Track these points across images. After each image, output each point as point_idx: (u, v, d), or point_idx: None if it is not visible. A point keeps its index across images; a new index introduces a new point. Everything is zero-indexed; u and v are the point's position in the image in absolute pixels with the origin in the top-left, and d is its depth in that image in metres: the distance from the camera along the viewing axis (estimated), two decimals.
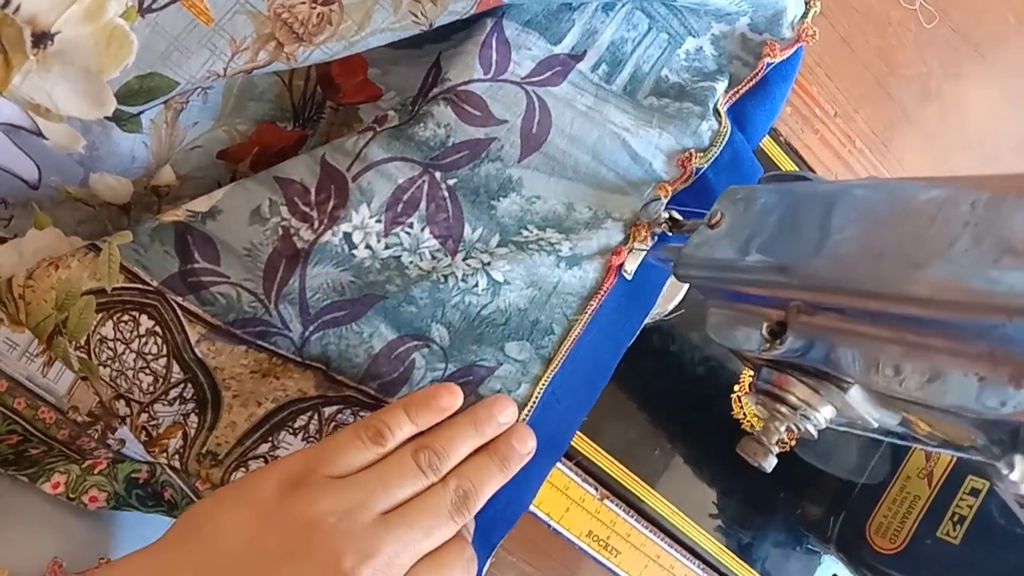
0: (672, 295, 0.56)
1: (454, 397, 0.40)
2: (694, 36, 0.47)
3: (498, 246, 0.45)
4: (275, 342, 0.41)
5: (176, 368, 0.41)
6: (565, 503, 0.53)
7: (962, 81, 0.75)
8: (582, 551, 0.54)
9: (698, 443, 0.58)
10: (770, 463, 0.36)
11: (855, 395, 0.33)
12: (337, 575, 0.33)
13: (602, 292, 0.45)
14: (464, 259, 0.44)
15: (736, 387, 0.58)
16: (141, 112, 0.38)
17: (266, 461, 0.41)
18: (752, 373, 0.40)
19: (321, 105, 0.44)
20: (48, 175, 0.40)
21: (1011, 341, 0.25)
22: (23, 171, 0.39)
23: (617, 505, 0.55)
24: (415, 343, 0.42)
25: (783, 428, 0.36)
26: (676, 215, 0.46)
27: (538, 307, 0.44)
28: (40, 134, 0.37)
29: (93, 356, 0.41)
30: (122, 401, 0.42)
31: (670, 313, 0.56)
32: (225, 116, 0.42)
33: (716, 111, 0.47)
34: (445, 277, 0.43)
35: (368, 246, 0.43)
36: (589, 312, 0.45)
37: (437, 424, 0.39)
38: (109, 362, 0.41)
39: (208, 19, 0.35)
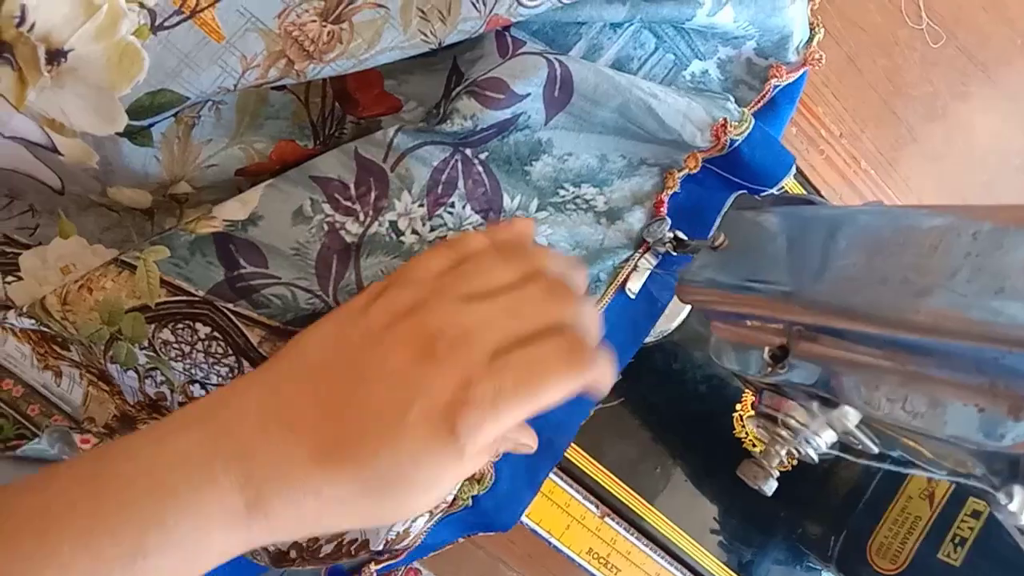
0: (675, 313, 0.56)
1: (529, 226, 0.40)
2: (700, 59, 0.48)
3: (537, 210, 0.46)
4: None
5: (247, 364, 0.42)
6: (566, 520, 0.53)
7: (969, 101, 0.75)
8: (582, 568, 0.54)
9: (699, 461, 0.58)
10: (770, 487, 0.36)
11: (855, 421, 0.33)
12: (425, 351, 0.33)
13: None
14: None
15: (738, 406, 0.58)
16: (151, 124, 0.38)
17: None
18: (754, 394, 0.40)
19: (341, 120, 0.44)
20: (70, 185, 0.40)
21: (1011, 373, 0.25)
22: (47, 179, 0.40)
23: (618, 523, 0.55)
24: None
25: (784, 451, 0.36)
26: (680, 235, 0.47)
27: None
28: (55, 150, 0.37)
29: (160, 353, 0.41)
30: (197, 385, 0.42)
31: (673, 331, 0.56)
32: (240, 134, 0.42)
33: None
34: None
35: (414, 231, 0.43)
36: (632, 263, 0.47)
37: None
38: (180, 358, 0.41)
39: (219, 37, 0.35)
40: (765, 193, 0.48)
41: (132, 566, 0.29)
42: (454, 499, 0.46)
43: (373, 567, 0.46)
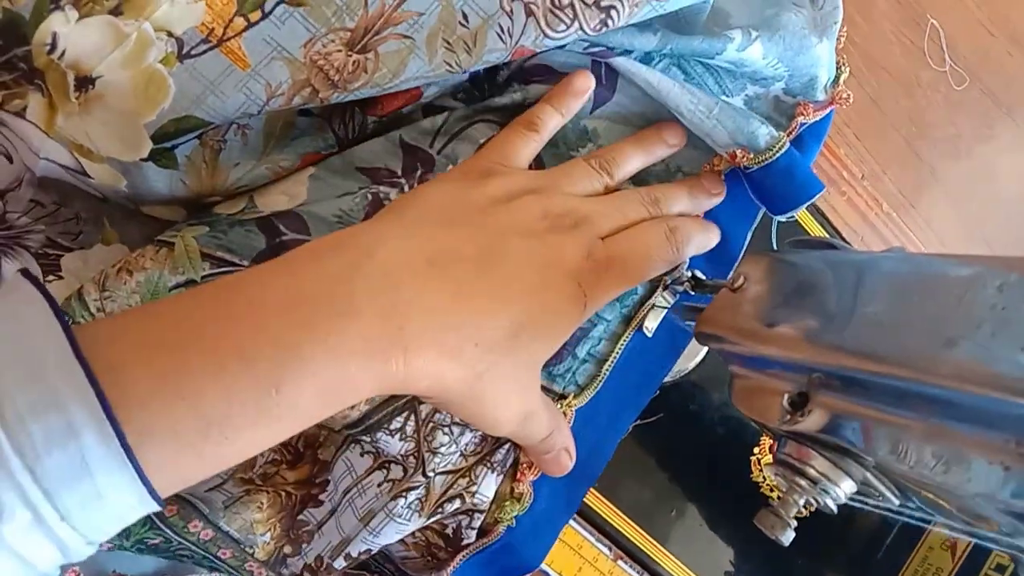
0: (693, 353, 0.55)
1: (586, 79, 0.44)
2: (727, 96, 0.47)
3: None
4: None
5: None
6: (578, 562, 0.52)
7: (993, 144, 0.75)
8: None
9: (715, 505, 0.57)
10: (788, 537, 0.35)
11: (876, 473, 0.32)
12: (554, 224, 0.39)
13: None
14: None
15: (756, 450, 0.57)
16: (174, 147, 0.38)
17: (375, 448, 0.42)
18: (772, 440, 0.39)
19: (363, 123, 0.44)
20: (111, 195, 0.40)
21: None
22: (91, 189, 0.40)
23: (631, 566, 0.54)
24: None
25: (802, 501, 0.36)
26: (699, 275, 0.46)
27: None
28: (85, 173, 0.37)
29: None
30: None
31: (691, 371, 0.56)
32: (267, 155, 0.42)
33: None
34: None
35: None
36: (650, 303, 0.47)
37: None
38: None
39: (245, 64, 0.36)
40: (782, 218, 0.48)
41: (266, 399, 0.29)
42: (494, 524, 0.45)
43: None
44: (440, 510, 0.43)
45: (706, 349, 0.55)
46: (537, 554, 0.46)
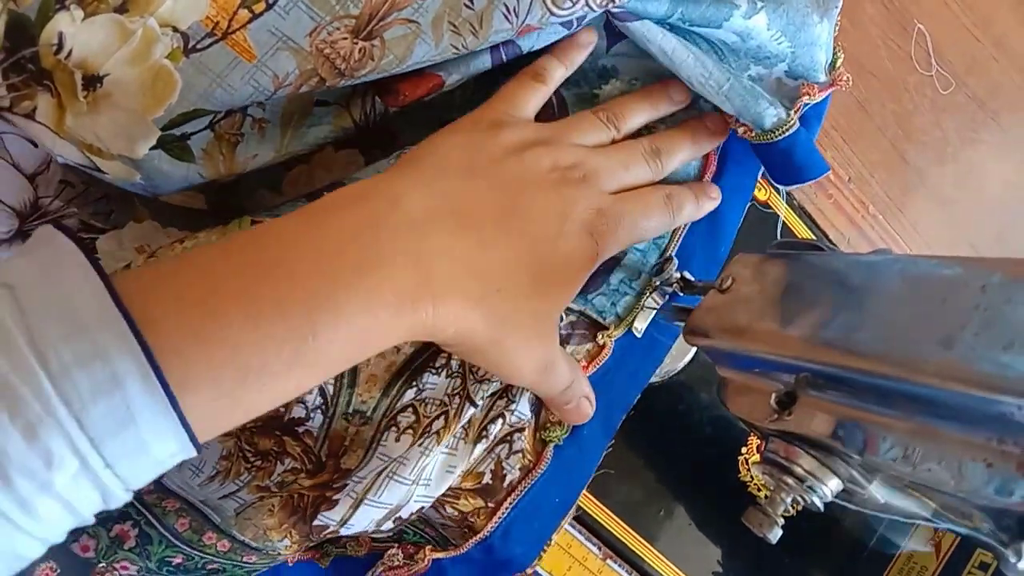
0: (682, 353, 0.56)
1: (589, 32, 0.45)
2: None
3: None
4: None
5: None
6: (567, 562, 0.53)
7: (979, 148, 0.75)
8: None
9: (703, 504, 0.57)
10: (775, 535, 0.36)
11: (862, 471, 0.33)
12: (564, 177, 0.40)
13: (707, 175, 0.49)
14: None
15: (744, 449, 0.57)
16: (184, 135, 0.38)
17: (414, 408, 0.42)
18: (760, 439, 0.40)
19: (384, 113, 0.44)
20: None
21: (1020, 429, 0.25)
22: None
23: (619, 565, 0.54)
24: None
25: (789, 499, 0.36)
26: (688, 276, 0.46)
27: None
28: (99, 170, 0.37)
29: None
30: None
31: (679, 371, 0.56)
32: (285, 146, 0.42)
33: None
34: None
35: None
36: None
37: None
38: None
39: (251, 56, 0.35)
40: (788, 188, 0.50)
41: (303, 346, 0.30)
42: (542, 447, 0.46)
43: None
44: (484, 433, 0.43)
45: (695, 349, 0.56)
46: (529, 552, 0.46)
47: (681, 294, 0.48)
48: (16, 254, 0.28)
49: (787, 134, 0.46)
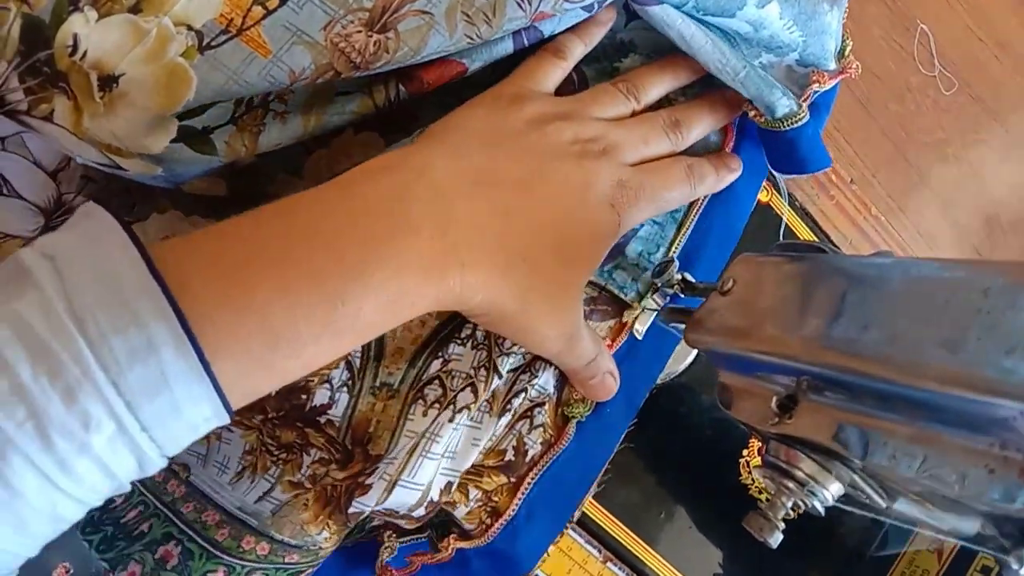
0: (683, 355, 0.55)
1: (609, 12, 0.45)
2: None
3: None
4: None
5: None
6: (567, 564, 0.52)
7: (981, 149, 0.75)
8: None
9: (704, 507, 0.57)
10: (776, 539, 0.35)
11: (863, 475, 0.32)
12: (585, 149, 0.40)
13: (726, 146, 0.50)
14: None
15: (744, 452, 0.57)
16: (207, 129, 0.38)
17: (440, 381, 0.42)
18: (760, 442, 0.39)
19: (406, 103, 0.44)
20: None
21: (1023, 434, 0.25)
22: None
23: (620, 568, 0.54)
24: None
25: (790, 503, 0.36)
26: (689, 277, 0.46)
27: None
28: (119, 167, 0.37)
29: None
30: None
31: (680, 373, 0.56)
32: (308, 134, 0.42)
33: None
34: None
35: None
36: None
37: None
38: None
39: (266, 52, 0.35)
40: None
41: (333, 313, 0.30)
42: (564, 424, 0.46)
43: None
44: (508, 406, 0.44)
45: (695, 352, 0.55)
46: (534, 551, 0.46)
47: (682, 296, 0.47)
48: (60, 228, 0.29)
49: (795, 125, 0.46)
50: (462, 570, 0.45)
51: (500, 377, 0.43)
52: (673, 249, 0.48)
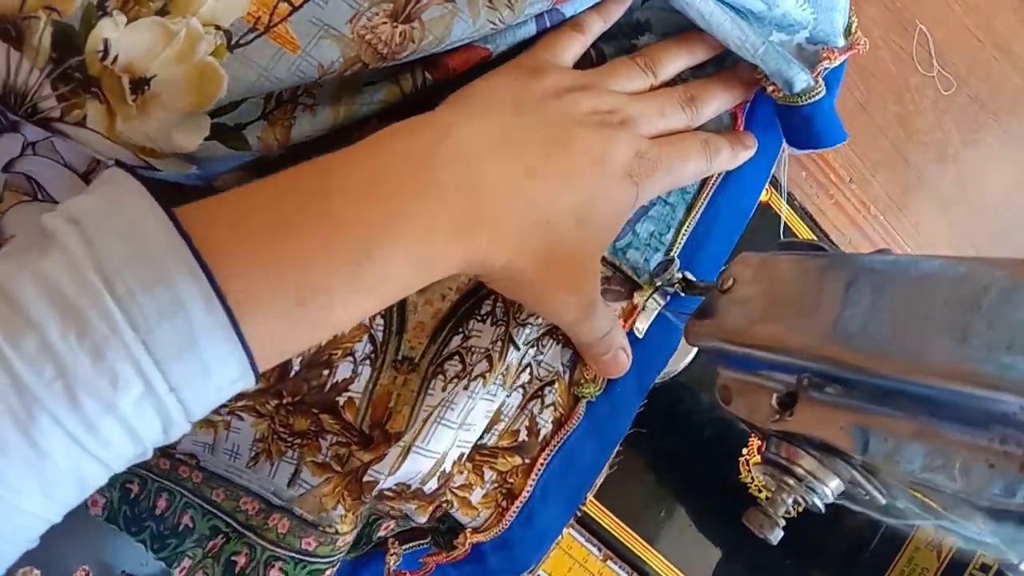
0: (683, 354, 0.56)
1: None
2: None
3: None
4: None
5: None
6: (568, 563, 0.53)
7: (980, 149, 0.75)
8: None
9: (704, 505, 0.57)
10: (776, 536, 0.35)
11: (863, 472, 0.32)
12: (604, 120, 0.41)
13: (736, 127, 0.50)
14: None
15: (744, 450, 0.57)
16: (239, 125, 0.38)
17: (460, 357, 0.43)
18: (760, 440, 0.39)
19: (432, 89, 0.44)
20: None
21: (1023, 429, 0.25)
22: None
23: (620, 566, 0.54)
24: None
25: (790, 500, 0.36)
26: (689, 276, 0.46)
27: None
28: (152, 168, 0.38)
29: None
30: None
31: (680, 372, 0.56)
32: (337, 125, 0.42)
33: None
34: None
35: None
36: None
37: None
38: None
39: (294, 47, 0.36)
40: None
41: (359, 270, 0.31)
42: (574, 404, 0.46)
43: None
44: (518, 380, 0.45)
45: (695, 350, 0.56)
46: (548, 534, 0.46)
47: (683, 294, 0.47)
48: (82, 192, 0.29)
49: (813, 100, 0.47)
50: (478, 565, 0.45)
51: (517, 349, 0.43)
52: (683, 231, 0.49)
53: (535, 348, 0.45)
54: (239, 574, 0.42)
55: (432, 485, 0.42)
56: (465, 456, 0.43)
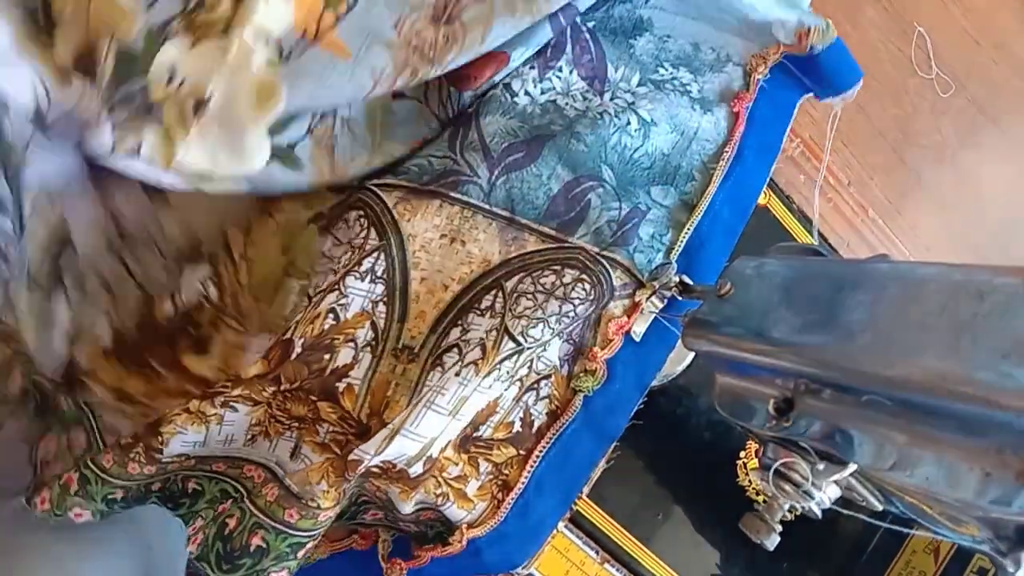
0: (681, 357, 0.55)
1: None
2: None
3: (639, 85, 0.50)
4: (466, 191, 0.45)
5: (373, 234, 0.44)
6: (565, 565, 0.52)
7: (978, 151, 0.75)
8: None
9: (701, 509, 0.57)
10: (773, 541, 0.36)
11: (860, 478, 0.32)
12: None
13: (734, 140, 0.51)
14: (611, 99, 0.49)
15: (742, 454, 0.57)
16: (291, 144, 0.39)
17: (459, 349, 0.43)
18: (758, 444, 0.39)
19: (459, 100, 0.46)
20: None
21: (1020, 438, 0.25)
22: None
23: (617, 568, 0.54)
24: (590, 183, 0.47)
25: (787, 505, 0.36)
26: (687, 280, 0.46)
27: (680, 152, 0.50)
28: (199, 189, 0.38)
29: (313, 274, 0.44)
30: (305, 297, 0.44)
31: (678, 375, 0.56)
32: (379, 145, 0.44)
33: None
34: (600, 115, 0.48)
35: (527, 92, 0.48)
36: (725, 159, 0.50)
37: None
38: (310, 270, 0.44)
39: (346, 54, 0.36)
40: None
41: None
42: (572, 396, 0.46)
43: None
44: (515, 374, 0.45)
45: (693, 354, 0.55)
46: (543, 527, 0.46)
47: (680, 298, 0.47)
48: None
49: (830, 42, 0.49)
50: (473, 560, 0.45)
51: (515, 343, 0.43)
52: (685, 230, 0.49)
53: (535, 343, 0.45)
54: (227, 535, 0.42)
55: (417, 469, 0.42)
56: (454, 442, 0.44)
